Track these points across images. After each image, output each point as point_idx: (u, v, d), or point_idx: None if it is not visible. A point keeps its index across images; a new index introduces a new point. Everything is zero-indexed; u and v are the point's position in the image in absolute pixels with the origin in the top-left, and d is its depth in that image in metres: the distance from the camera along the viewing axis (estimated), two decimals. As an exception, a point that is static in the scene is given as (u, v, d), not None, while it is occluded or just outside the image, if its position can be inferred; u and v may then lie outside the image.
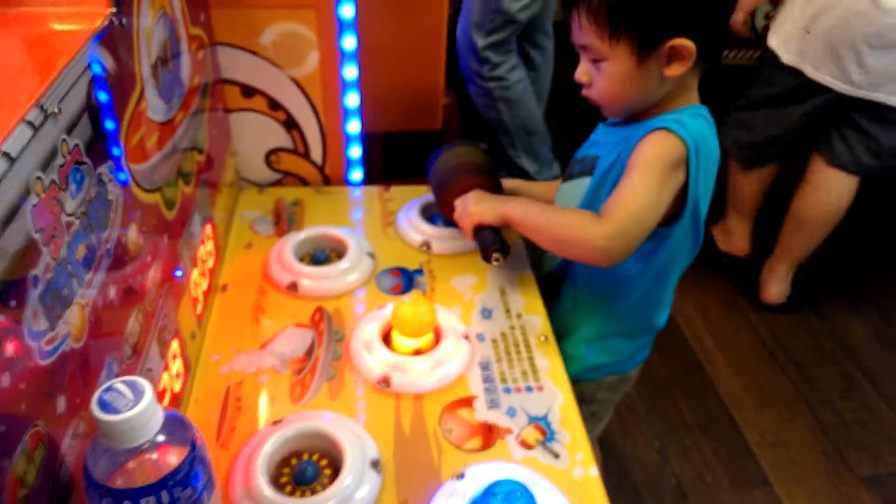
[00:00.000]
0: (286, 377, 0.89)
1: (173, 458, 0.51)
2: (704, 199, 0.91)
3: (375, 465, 0.77)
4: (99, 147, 0.59)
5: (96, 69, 0.59)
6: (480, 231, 0.97)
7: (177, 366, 0.81)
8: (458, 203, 1.01)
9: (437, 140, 2.04)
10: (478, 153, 1.09)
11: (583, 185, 0.98)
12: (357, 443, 0.78)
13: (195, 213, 0.92)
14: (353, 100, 1.17)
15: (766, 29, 1.94)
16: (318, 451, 0.79)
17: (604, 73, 0.87)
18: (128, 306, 0.67)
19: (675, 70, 0.85)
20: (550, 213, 0.94)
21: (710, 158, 0.89)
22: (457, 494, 0.73)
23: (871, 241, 2.42)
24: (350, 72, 1.14)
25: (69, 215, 0.53)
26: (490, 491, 0.68)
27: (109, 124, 0.60)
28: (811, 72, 1.77)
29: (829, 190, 1.93)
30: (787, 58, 1.81)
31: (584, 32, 0.86)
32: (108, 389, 0.48)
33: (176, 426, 0.52)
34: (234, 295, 1.01)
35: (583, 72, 0.91)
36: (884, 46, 1.64)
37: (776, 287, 2.10)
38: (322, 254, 1.07)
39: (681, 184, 0.86)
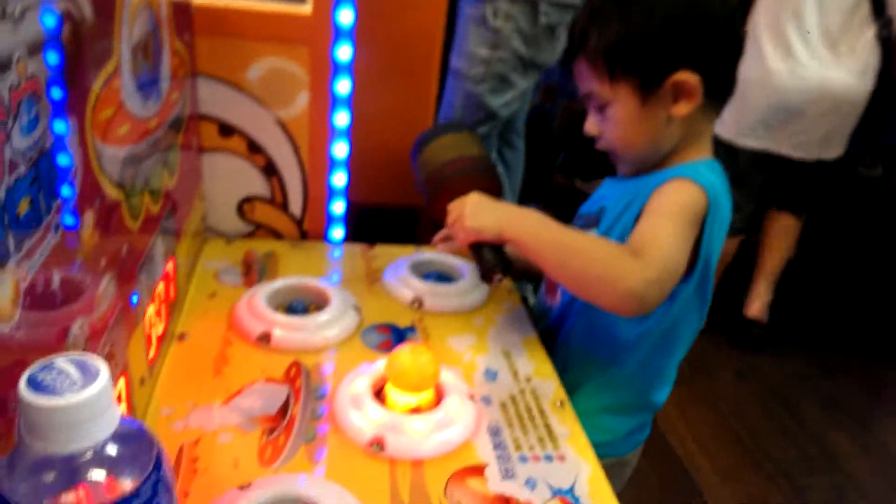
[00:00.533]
0: (254, 437, 0.73)
1: (128, 482, 0.36)
2: (714, 258, 0.83)
3: (370, 540, 0.61)
4: (60, 98, 0.47)
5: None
6: (479, 248, 0.86)
7: (121, 410, 0.65)
8: (454, 210, 0.87)
9: (412, 217, 1.95)
10: (472, 142, 0.94)
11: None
12: (346, 512, 0.62)
13: (159, 238, 0.78)
14: (341, 149, 1.07)
15: None
16: (295, 524, 0.63)
17: (610, 120, 0.84)
18: (71, 310, 0.52)
19: (682, 109, 0.81)
20: (572, 238, 0.80)
21: (724, 216, 0.83)
22: (476, 577, 0.58)
23: (840, 358, 2.38)
24: (341, 118, 1.05)
25: (15, 153, 0.40)
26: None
27: (65, 67, 0.48)
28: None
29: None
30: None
31: (585, 79, 0.84)
32: (46, 367, 0.34)
33: (133, 440, 0.37)
34: (193, 344, 0.86)
35: (591, 123, 0.87)
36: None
37: (758, 303, 2.30)
38: (300, 305, 0.93)
39: (694, 239, 0.79)
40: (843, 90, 1.97)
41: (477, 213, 0.84)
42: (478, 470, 0.72)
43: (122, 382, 0.66)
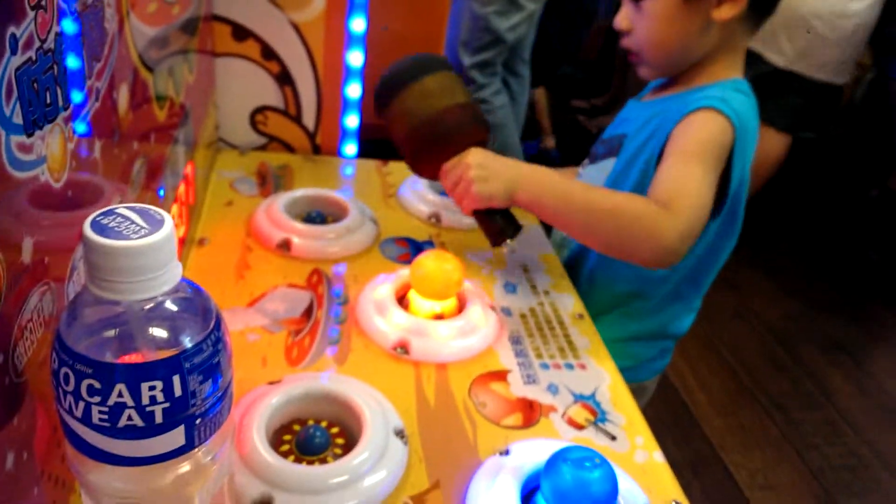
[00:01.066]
0: (280, 338, 0.72)
1: (190, 338, 0.35)
2: (744, 186, 0.81)
3: (400, 434, 0.61)
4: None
5: None
6: (488, 215, 0.77)
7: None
8: (453, 173, 0.76)
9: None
10: (459, 85, 0.80)
11: (606, 167, 0.88)
12: (378, 408, 0.62)
13: (181, 134, 0.76)
14: (356, 58, 1.04)
15: None
16: (326, 419, 0.63)
17: (646, 14, 0.79)
18: (110, 185, 0.51)
19: (725, 12, 0.77)
20: (595, 198, 0.73)
21: (751, 142, 0.80)
22: (505, 470, 0.58)
23: (837, 299, 2.41)
24: (357, 24, 1.01)
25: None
26: (560, 457, 0.54)
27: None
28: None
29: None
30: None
31: None
32: (109, 213, 0.33)
33: (193, 302, 0.36)
34: (213, 250, 0.85)
35: (623, 16, 0.83)
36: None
37: None
38: (318, 215, 0.92)
39: (721, 171, 0.76)
40: (863, 19, 1.98)
41: (484, 176, 0.74)
42: (501, 375, 0.72)
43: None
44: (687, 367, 1.94)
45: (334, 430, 0.62)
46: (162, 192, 0.68)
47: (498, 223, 0.77)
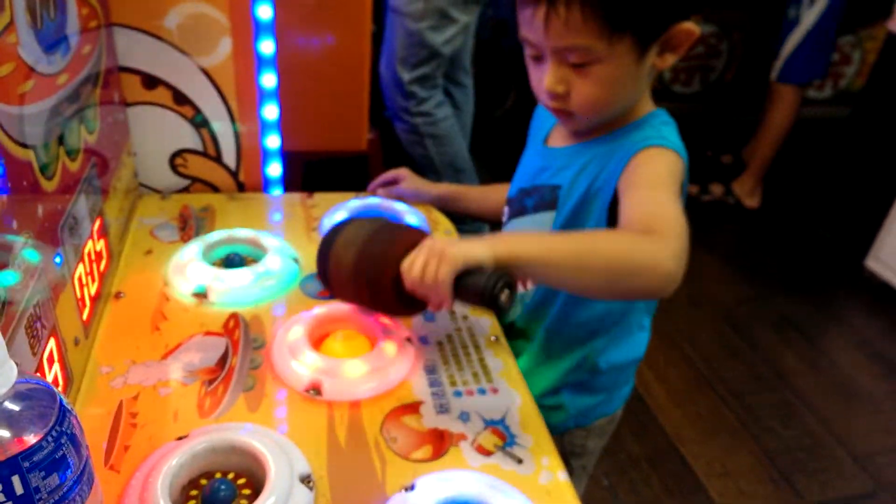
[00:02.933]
0: (193, 390, 0.74)
1: (31, 436, 0.36)
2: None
3: (306, 480, 0.63)
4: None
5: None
6: (469, 278, 0.67)
7: (54, 371, 0.65)
8: (413, 263, 0.68)
9: (362, 164, 1.94)
10: (367, 220, 0.77)
11: (545, 220, 0.84)
12: (282, 456, 0.63)
13: (81, 196, 0.77)
14: (269, 80, 1.05)
15: None
16: (234, 470, 0.64)
17: (591, 78, 0.73)
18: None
19: (668, 61, 0.75)
20: (581, 241, 0.70)
21: (687, 169, 0.80)
22: (408, 508, 0.60)
23: (789, 278, 2.46)
24: (266, 47, 1.02)
25: None
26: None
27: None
28: None
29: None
30: None
31: (573, 31, 0.70)
32: (-68, 331, 0.34)
33: (36, 396, 0.38)
34: (129, 303, 0.86)
35: (558, 79, 0.74)
36: None
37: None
38: (237, 258, 0.93)
39: None
40: None
41: (454, 243, 0.68)
42: (414, 407, 0.74)
43: (52, 343, 0.65)
44: (644, 361, 1.97)
45: (241, 481, 0.63)
46: (59, 260, 0.69)
47: (485, 274, 0.66)
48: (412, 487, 0.63)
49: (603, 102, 0.76)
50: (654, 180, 0.73)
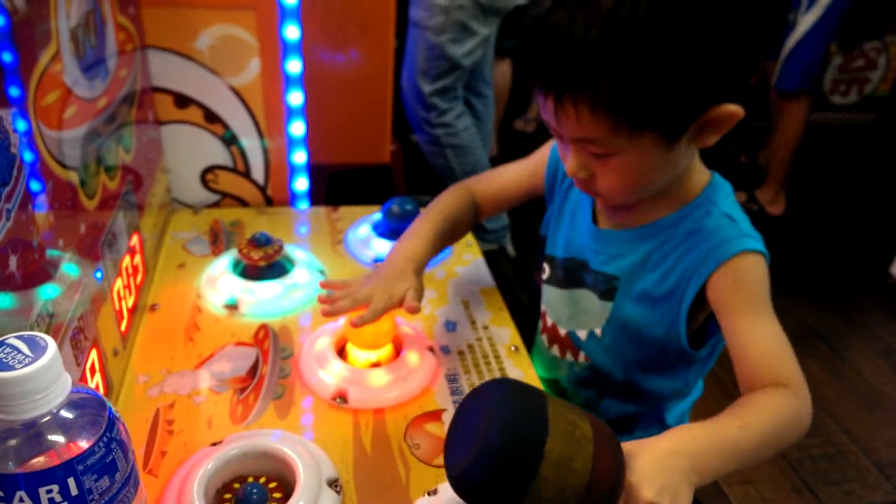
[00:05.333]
0: (226, 398, 0.77)
1: (84, 442, 0.39)
2: None
3: (333, 484, 0.66)
4: None
5: None
6: None
7: (95, 381, 0.69)
8: None
9: (386, 175, 1.98)
10: (570, 416, 0.52)
11: (600, 307, 0.80)
12: (311, 461, 0.66)
13: (119, 213, 0.81)
14: (296, 98, 1.09)
15: None
16: (265, 475, 0.67)
17: (614, 168, 0.67)
18: (32, 286, 0.55)
19: (710, 140, 0.67)
20: (756, 429, 0.63)
21: None
22: (431, 511, 0.63)
23: (813, 286, 2.45)
24: (294, 66, 1.06)
25: (-43, 148, 0.43)
26: None
27: (7, 56, 0.50)
28: None
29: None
30: None
31: (585, 127, 0.63)
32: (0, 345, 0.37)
33: (88, 405, 0.41)
34: (164, 314, 0.89)
35: (580, 166, 0.69)
36: None
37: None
38: (263, 237, 0.96)
39: None
40: None
41: (674, 494, 0.54)
42: (436, 415, 0.76)
43: (93, 354, 0.69)
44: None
45: (272, 485, 0.66)
46: (100, 275, 0.73)
47: None
48: (435, 492, 0.66)
49: (632, 189, 0.70)
50: (761, 303, 0.70)
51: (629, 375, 0.83)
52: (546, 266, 0.88)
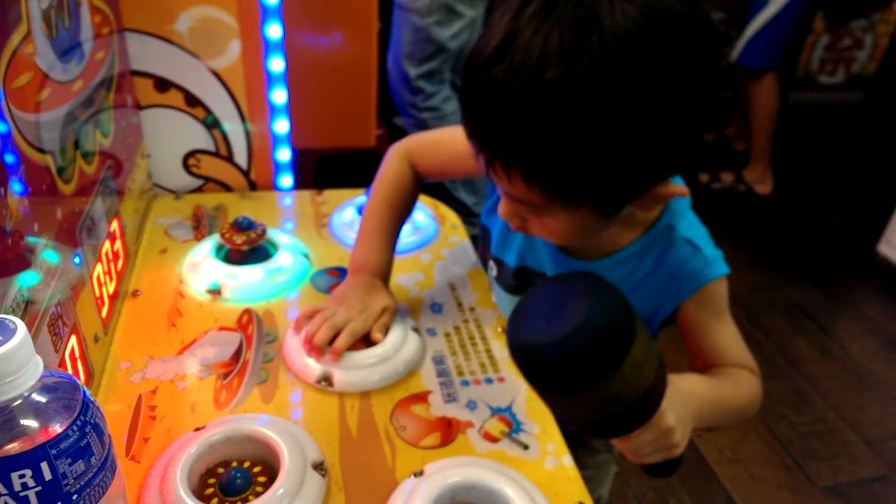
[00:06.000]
0: (209, 383, 0.76)
1: (57, 426, 0.39)
2: None
3: (318, 467, 0.65)
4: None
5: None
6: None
7: (76, 367, 0.68)
8: (649, 440, 0.59)
9: (372, 160, 1.96)
10: (644, 328, 0.55)
11: None
12: (295, 444, 0.66)
13: (98, 199, 0.80)
14: (280, 95, 1.08)
15: None
16: (249, 459, 0.67)
17: (548, 225, 0.65)
18: (9, 273, 0.54)
19: (654, 211, 0.70)
20: (734, 393, 0.70)
21: None
22: (418, 492, 0.62)
23: (800, 264, 2.46)
24: (276, 63, 1.05)
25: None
26: None
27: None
28: None
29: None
30: None
31: (519, 190, 0.60)
32: (-35, 328, 0.37)
33: (61, 388, 0.40)
34: (146, 300, 0.88)
35: (511, 214, 0.66)
36: None
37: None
38: (246, 221, 0.95)
39: None
40: None
41: (683, 435, 0.61)
42: (422, 397, 0.76)
43: (73, 341, 0.68)
44: (654, 350, 1.99)
45: (257, 469, 0.66)
46: (78, 261, 0.72)
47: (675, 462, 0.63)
48: (421, 473, 0.65)
49: (568, 241, 0.72)
50: (725, 312, 0.75)
51: None
52: (493, 265, 0.88)
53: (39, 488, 0.38)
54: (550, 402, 0.59)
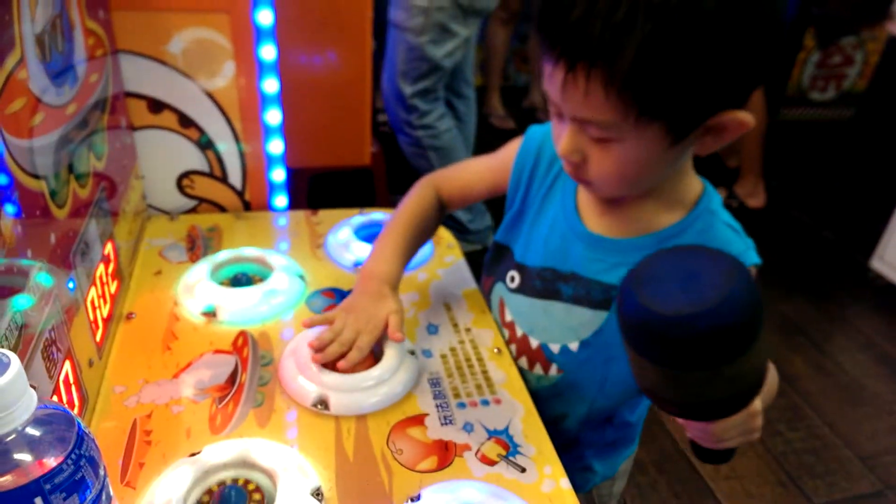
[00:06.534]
0: (205, 407, 0.76)
1: (52, 460, 0.38)
2: None
3: (317, 494, 0.65)
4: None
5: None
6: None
7: (70, 393, 0.67)
8: (738, 425, 0.58)
9: (366, 179, 1.96)
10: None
11: (586, 316, 0.78)
12: (293, 469, 0.65)
13: (92, 221, 0.80)
14: (274, 116, 1.08)
15: None
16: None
17: (611, 155, 0.64)
18: (2, 297, 0.54)
19: (710, 147, 0.65)
20: (770, 383, 0.62)
21: None
22: (414, 518, 0.62)
23: (792, 280, 2.47)
24: (270, 85, 1.05)
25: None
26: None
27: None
28: None
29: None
30: None
31: (592, 106, 0.59)
32: (-42, 362, 0.36)
33: (55, 421, 0.40)
34: (141, 323, 0.88)
35: (573, 148, 0.65)
36: None
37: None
38: (245, 277, 0.95)
39: None
40: None
41: (761, 415, 0.61)
42: (419, 419, 0.76)
43: (67, 366, 0.68)
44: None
45: (252, 486, 0.65)
46: (72, 285, 0.71)
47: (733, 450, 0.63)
48: (418, 497, 0.65)
49: (622, 181, 0.67)
50: None
51: (604, 388, 0.82)
52: (515, 274, 0.85)
53: (33, 523, 0.37)
54: (659, 379, 0.53)
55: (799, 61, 3.35)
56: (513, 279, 0.86)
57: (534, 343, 0.84)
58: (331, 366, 0.78)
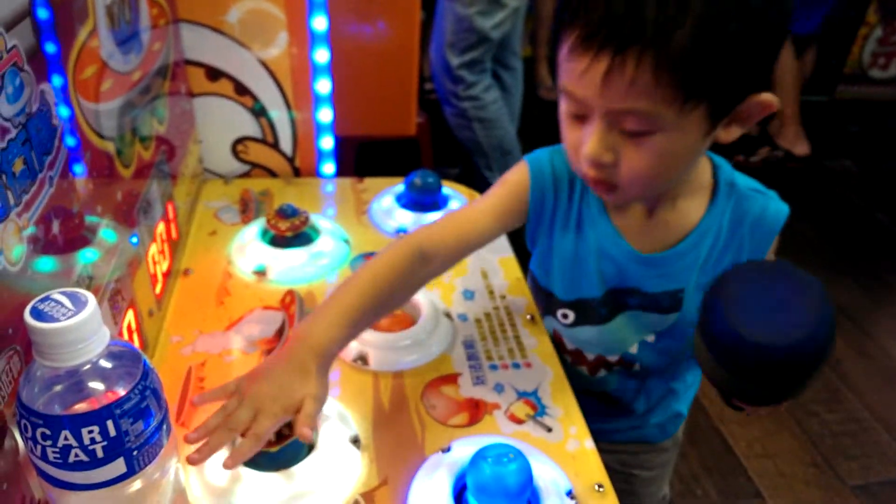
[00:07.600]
0: (254, 357, 0.81)
1: (121, 389, 0.43)
2: None
3: (355, 441, 0.70)
4: (42, 63, 0.53)
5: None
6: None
7: (132, 339, 0.73)
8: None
9: (412, 148, 2.01)
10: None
11: (656, 320, 0.81)
12: (334, 418, 0.70)
13: (154, 182, 0.85)
14: (324, 85, 1.12)
15: None
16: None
17: (647, 149, 0.62)
18: (72, 250, 0.60)
19: (734, 134, 0.65)
20: None
21: None
22: (443, 466, 0.66)
23: (841, 261, 2.43)
24: (321, 55, 1.09)
25: (5, 119, 0.47)
26: (480, 455, 0.61)
27: (51, 48, 0.54)
28: None
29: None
30: None
31: (638, 94, 0.57)
32: (45, 299, 0.41)
33: (124, 356, 0.45)
34: (197, 279, 0.94)
35: (604, 147, 0.62)
36: None
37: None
38: (290, 209, 1.00)
39: None
40: None
41: None
42: (451, 378, 0.80)
43: (130, 314, 0.74)
44: (687, 343, 1.99)
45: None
46: (135, 240, 0.77)
47: None
48: (448, 449, 0.69)
49: (655, 178, 0.65)
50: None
51: (675, 362, 0.86)
52: (568, 312, 0.83)
53: (105, 443, 0.42)
54: (727, 382, 0.60)
55: (860, 37, 3.24)
56: (565, 316, 0.84)
57: (612, 358, 0.85)
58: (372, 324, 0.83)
